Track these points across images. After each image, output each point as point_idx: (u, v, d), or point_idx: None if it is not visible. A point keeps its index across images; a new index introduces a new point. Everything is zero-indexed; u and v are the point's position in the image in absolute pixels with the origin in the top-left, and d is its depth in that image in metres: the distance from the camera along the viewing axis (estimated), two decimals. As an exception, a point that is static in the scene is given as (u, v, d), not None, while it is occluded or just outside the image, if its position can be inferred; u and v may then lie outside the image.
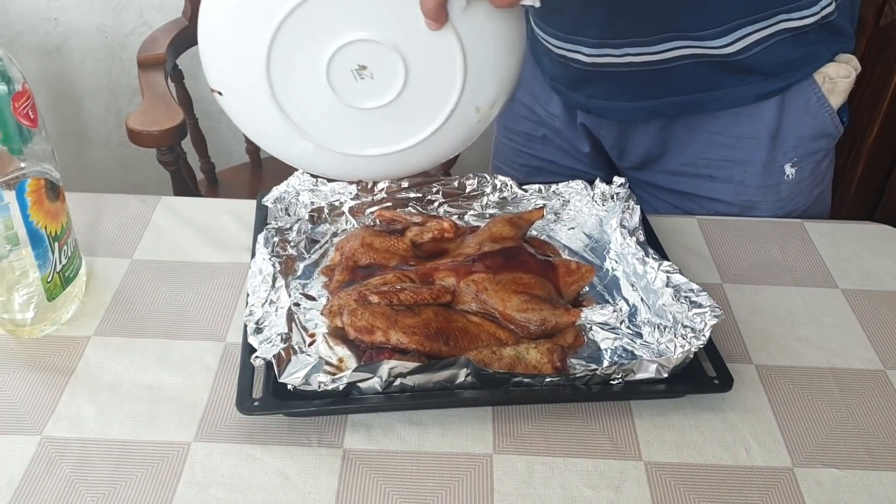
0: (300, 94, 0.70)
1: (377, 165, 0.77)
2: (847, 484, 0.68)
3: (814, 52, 0.97)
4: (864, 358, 0.80)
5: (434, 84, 0.70)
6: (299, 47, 0.67)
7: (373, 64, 0.68)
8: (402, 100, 0.70)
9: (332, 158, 0.75)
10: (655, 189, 1.10)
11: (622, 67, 0.96)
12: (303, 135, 0.73)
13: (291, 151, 0.77)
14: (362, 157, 0.75)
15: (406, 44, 0.68)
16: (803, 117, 1.00)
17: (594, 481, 0.67)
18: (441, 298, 0.79)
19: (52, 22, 1.79)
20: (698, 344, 0.72)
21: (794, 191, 1.04)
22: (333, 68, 0.68)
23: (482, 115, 0.74)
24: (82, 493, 0.64)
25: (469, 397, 0.71)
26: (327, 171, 0.81)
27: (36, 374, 0.74)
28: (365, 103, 0.71)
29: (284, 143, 0.75)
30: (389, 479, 0.67)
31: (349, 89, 0.69)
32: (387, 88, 0.70)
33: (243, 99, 0.72)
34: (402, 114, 0.72)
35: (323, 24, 0.66)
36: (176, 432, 0.69)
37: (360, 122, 0.72)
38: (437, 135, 0.73)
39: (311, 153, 0.75)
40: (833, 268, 0.92)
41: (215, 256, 0.89)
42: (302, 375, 0.68)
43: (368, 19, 0.66)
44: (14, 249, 0.73)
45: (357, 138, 0.74)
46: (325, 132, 0.73)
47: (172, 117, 1.28)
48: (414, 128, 0.73)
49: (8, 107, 0.68)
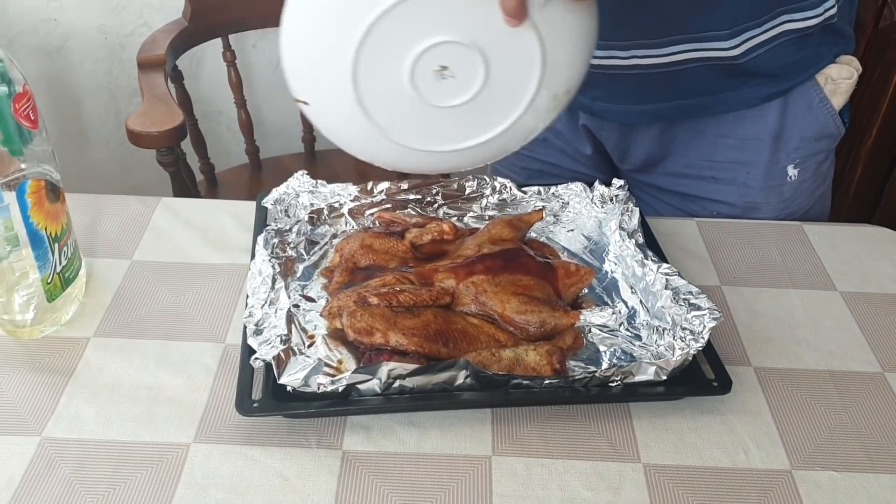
0: (385, 99, 0.71)
1: (460, 158, 0.78)
2: (845, 486, 0.68)
3: (816, 54, 0.98)
4: (862, 360, 0.80)
5: (513, 77, 0.72)
6: (384, 54, 0.68)
7: (454, 63, 0.69)
8: (483, 95, 0.71)
9: (417, 156, 0.77)
10: (658, 191, 1.10)
11: (628, 70, 0.96)
12: (388, 137, 0.74)
13: (378, 154, 0.78)
14: (447, 152, 0.76)
15: (486, 42, 0.69)
16: (806, 118, 1.00)
17: (593, 483, 0.67)
18: (440, 300, 0.79)
19: (51, 23, 1.79)
20: (697, 346, 0.72)
21: (796, 192, 1.05)
22: (417, 71, 0.69)
23: (559, 101, 0.75)
24: (82, 493, 0.64)
25: (468, 399, 0.71)
26: (413, 168, 0.82)
27: (36, 375, 0.74)
28: (447, 102, 0.72)
29: (371, 147, 0.77)
30: (388, 480, 0.67)
31: (432, 90, 0.70)
32: (468, 86, 0.71)
33: (329, 107, 0.73)
34: (482, 108, 0.73)
35: (407, 29, 0.67)
36: (175, 433, 0.69)
37: (443, 120, 0.73)
38: (515, 125, 0.74)
39: (396, 153, 0.76)
40: (832, 270, 0.92)
41: (215, 258, 0.89)
42: (301, 377, 0.68)
43: (450, 22, 0.67)
44: (14, 250, 0.74)
45: (440, 135, 0.75)
46: (409, 133, 0.74)
47: (172, 118, 1.28)
48: (494, 120, 0.74)
49: (8, 108, 0.68)
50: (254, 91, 1.89)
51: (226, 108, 1.91)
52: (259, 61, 1.88)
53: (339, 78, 0.69)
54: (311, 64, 0.71)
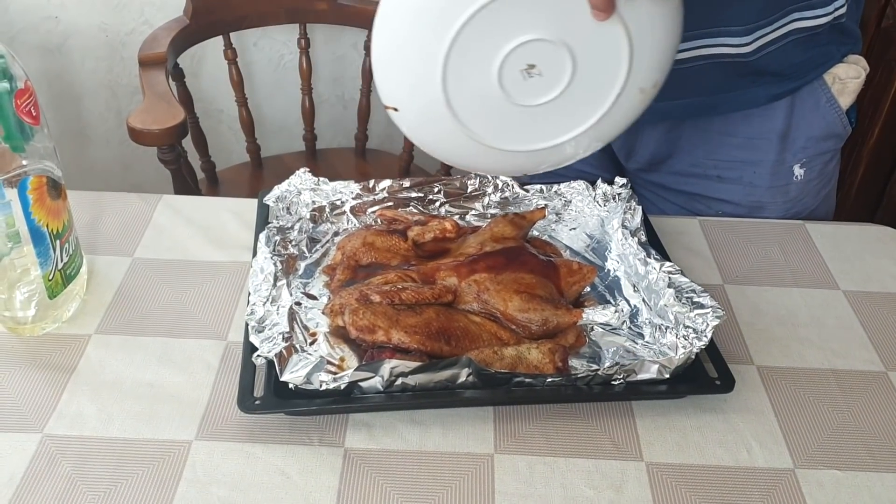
0: (473, 101, 0.71)
1: (549, 157, 0.78)
2: (849, 485, 0.68)
3: (824, 53, 0.98)
4: (865, 359, 0.80)
5: (600, 73, 0.71)
6: (473, 55, 0.68)
7: (541, 61, 0.69)
8: (570, 92, 0.71)
9: (507, 157, 0.77)
10: (663, 190, 1.09)
11: None
12: (477, 139, 0.74)
13: (467, 157, 0.78)
14: (534, 151, 0.76)
15: (573, 38, 0.68)
16: (813, 118, 1.00)
17: (595, 481, 0.67)
18: (443, 298, 0.79)
19: (52, 20, 1.79)
20: (700, 345, 0.72)
21: (802, 191, 1.05)
22: (505, 71, 0.69)
23: (646, 94, 0.75)
24: (83, 491, 0.64)
25: (470, 397, 0.70)
26: (503, 170, 0.83)
27: (37, 372, 0.74)
28: (535, 100, 0.72)
29: (461, 150, 0.77)
30: (390, 478, 0.66)
31: (519, 89, 0.71)
32: (555, 83, 0.71)
33: (419, 112, 0.74)
34: (569, 105, 0.73)
35: (494, 30, 0.67)
36: (177, 431, 0.69)
37: (530, 119, 0.73)
38: (602, 120, 0.74)
39: (486, 156, 0.77)
40: (834, 269, 0.92)
41: (216, 255, 0.89)
42: (303, 374, 0.68)
43: (537, 19, 0.67)
44: (16, 247, 0.73)
45: (528, 135, 0.75)
46: (497, 133, 0.74)
47: (173, 116, 1.28)
48: (581, 116, 0.74)
49: (10, 104, 0.68)
50: (255, 89, 1.89)
51: (227, 107, 1.91)
52: (260, 59, 1.88)
53: (429, 82, 0.70)
54: (401, 69, 0.72)
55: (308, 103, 1.73)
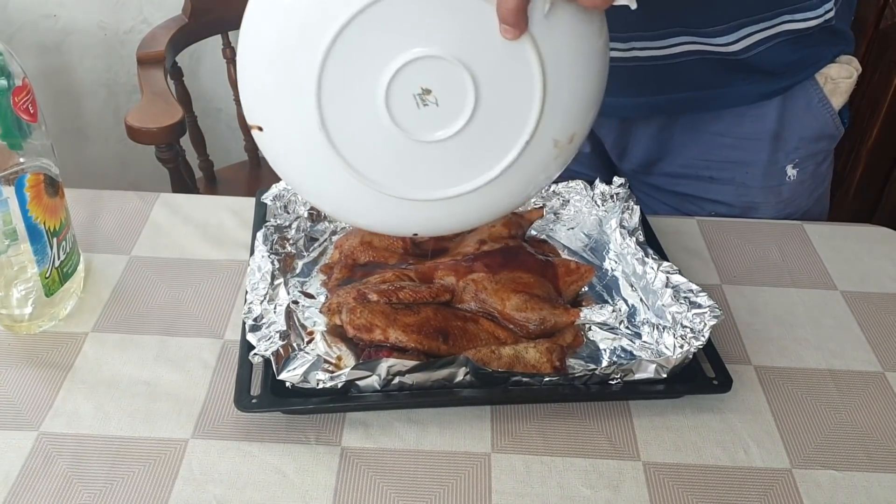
0: (353, 125, 0.61)
1: (439, 213, 0.67)
2: (846, 485, 0.68)
3: (815, 53, 0.98)
4: (862, 360, 0.80)
5: (507, 108, 0.61)
6: (354, 68, 0.58)
7: (438, 87, 0.59)
8: (471, 129, 0.61)
9: (391, 206, 0.66)
10: (656, 191, 1.09)
11: (626, 62, 0.95)
12: (357, 176, 0.63)
13: (343, 200, 0.67)
14: (426, 202, 0.66)
15: (476, 59, 0.59)
16: (805, 118, 1.00)
17: (592, 481, 0.67)
18: (440, 297, 0.79)
19: (51, 19, 1.79)
20: (697, 344, 0.72)
21: (795, 192, 1.05)
22: (393, 93, 0.59)
23: (560, 149, 0.65)
24: (79, 489, 0.64)
25: (468, 396, 0.70)
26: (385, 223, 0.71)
27: (33, 370, 0.74)
28: (429, 135, 0.61)
29: (336, 190, 0.66)
30: (387, 477, 0.66)
31: (411, 118, 0.61)
32: (454, 115, 0.61)
33: (288, 133, 0.63)
34: (470, 147, 0.63)
35: (381, 40, 0.58)
36: (173, 429, 0.69)
37: (423, 159, 0.63)
38: (508, 172, 0.64)
39: (363, 199, 0.66)
40: (832, 270, 0.92)
41: (214, 253, 0.89)
42: (300, 373, 0.68)
43: (432, 31, 0.58)
44: (12, 245, 0.73)
45: (420, 179, 0.64)
46: (382, 171, 0.64)
47: (171, 114, 1.28)
48: (484, 163, 0.64)
49: (7, 101, 0.68)
50: (253, 88, 1.89)
51: (225, 105, 1.91)
52: (259, 58, 1.88)
53: (300, 94, 0.59)
54: (268, 76, 0.61)
55: (306, 102, 1.72)
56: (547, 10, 0.57)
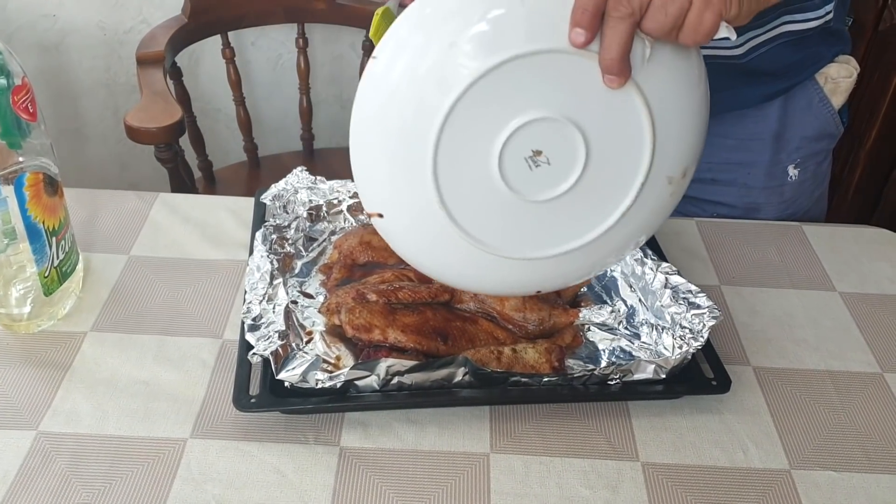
0: (472, 198, 0.61)
1: (562, 267, 0.67)
2: (844, 486, 0.68)
3: (815, 54, 0.98)
4: (861, 361, 0.80)
5: (619, 155, 0.61)
6: (467, 143, 0.59)
7: (548, 147, 0.59)
8: (585, 181, 0.61)
9: (516, 268, 0.66)
10: None
11: None
12: (479, 245, 0.63)
13: (469, 270, 0.67)
14: (547, 258, 0.65)
15: (583, 113, 0.58)
16: (806, 118, 1.00)
17: (591, 481, 0.67)
18: (439, 297, 0.79)
19: (50, 18, 1.78)
20: (696, 345, 0.72)
21: (797, 192, 1.05)
22: (506, 160, 0.59)
23: (675, 186, 0.64)
24: (77, 488, 0.64)
25: (467, 396, 0.70)
26: (513, 286, 0.71)
27: (32, 369, 0.74)
28: (544, 194, 0.61)
29: (460, 262, 0.66)
30: (386, 477, 0.66)
31: (525, 182, 0.60)
32: (567, 171, 0.60)
33: (408, 216, 0.64)
34: (586, 198, 0.62)
35: (489, 112, 0.58)
36: (172, 429, 0.69)
37: (540, 218, 0.63)
38: (626, 217, 0.63)
39: (490, 267, 0.66)
40: (831, 271, 0.92)
41: (213, 253, 0.89)
42: (299, 372, 0.68)
43: (538, 95, 0.57)
44: (11, 244, 0.73)
45: (539, 238, 0.64)
46: (503, 237, 0.64)
47: (171, 114, 1.28)
48: (602, 212, 0.63)
49: (7, 101, 0.68)
50: (252, 88, 1.89)
51: (224, 106, 1.90)
52: (258, 59, 1.88)
53: (418, 179, 0.60)
54: (385, 165, 0.62)
55: (306, 103, 1.73)
56: (648, 55, 0.57)
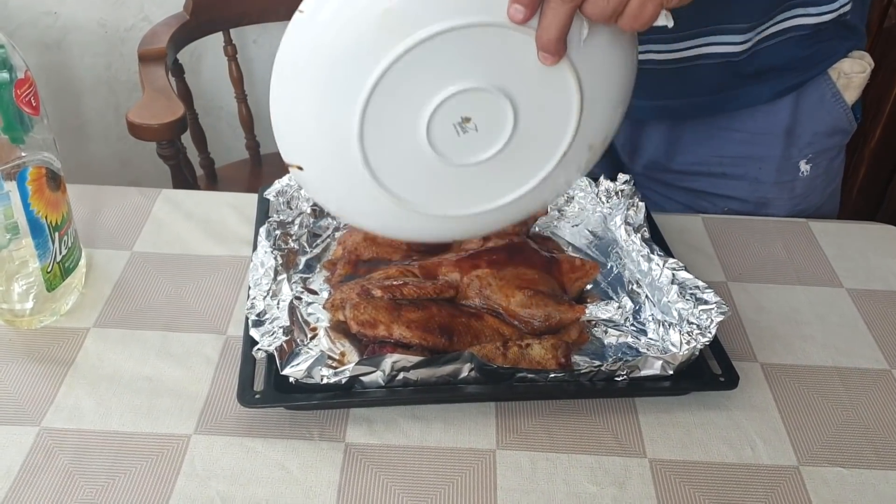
0: (397, 160, 0.62)
1: (482, 222, 0.69)
2: (853, 483, 0.67)
3: (828, 49, 0.97)
4: (869, 357, 0.80)
5: (546, 126, 0.62)
6: (396, 107, 0.59)
7: (478, 114, 0.60)
8: (511, 148, 0.62)
9: (435, 223, 0.67)
10: (667, 188, 1.09)
11: (643, 65, 0.95)
12: (402, 203, 0.65)
13: (387, 222, 0.69)
14: (466, 216, 0.67)
15: (515, 86, 0.59)
16: (819, 113, 1.00)
17: (598, 478, 0.66)
18: (444, 293, 0.78)
19: (51, 16, 1.78)
20: (704, 341, 0.71)
21: (808, 188, 1.04)
22: (434, 125, 0.60)
23: (594, 152, 0.66)
24: (81, 484, 0.64)
25: (473, 392, 0.70)
26: (430, 235, 0.73)
27: (35, 365, 0.73)
28: (470, 158, 0.62)
29: (379, 215, 0.67)
30: (392, 473, 0.66)
31: (452, 146, 0.61)
32: (494, 139, 0.61)
33: (330, 172, 0.64)
34: (510, 163, 0.63)
35: (423, 78, 0.58)
36: (176, 425, 0.69)
37: (464, 180, 0.64)
38: (546, 180, 0.65)
39: (410, 221, 0.67)
40: (838, 267, 0.91)
41: (216, 249, 0.88)
42: (304, 368, 0.67)
43: (472, 66, 0.58)
44: (14, 239, 0.73)
45: (462, 197, 0.66)
46: (427, 197, 0.65)
47: (173, 111, 1.27)
48: (523, 176, 0.65)
49: (10, 95, 0.67)
50: (254, 86, 1.88)
51: (226, 103, 1.90)
52: (260, 56, 1.87)
53: (343, 138, 0.60)
54: (308, 121, 0.61)
55: (308, 100, 1.72)
56: (585, 36, 0.58)
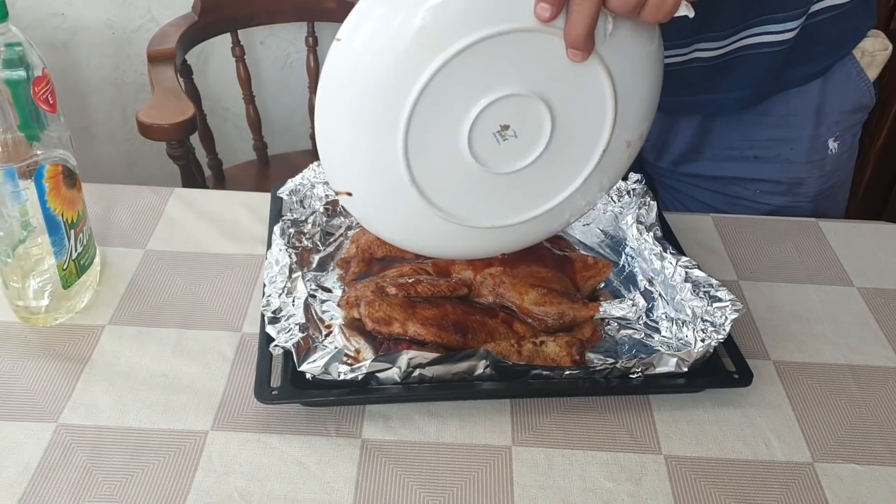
0: (442, 175, 0.63)
1: (528, 230, 0.70)
2: (868, 479, 0.68)
3: (854, 27, 1.00)
4: (881, 355, 0.80)
5: (583, 125, 0.63)
6: (436, 123, 0.60)
7: (515, 121, 0.61)
8: (551, 151, 0.63)
9: (486, 236, 0.68)
10: (698, 179, 1.09)
11: (688, 64, 0.96)
12: (451, 218, 0.65)
13: (440, 241, 0.69)
14: (516, 225, 0.68)
15: (549, 87, 0.60)
16: (845, 91, 1.02)
17: (614, 474, 0.67)
18: (458, 291, 0.79)
19: (59, 17, 1.79)
20: (719, 338, 0.71)
21: (836, 165, 1.06)
22: (474, 136, 0.61)
23: (632, 148, 0.67)
24: (99, 480, 0.64)
25: (488, 389, 0.70)
26: (483, 251, 0.73)
27: (51, 362, 0.73)
28: (512, 166, 0.63)
29: (432, 234, 0.69)
30: (409, 469, 0.66)
31: (494, 155, 0.62)
32: (533, 144, 0.62)
33: (379, 195, 0.65)
34: (551, 166, 0.64)
35: (457, 91, 0.59)
36: (193, 421, 0.69)
37: (508, 188, 0.65)
38: (589, 180, 0.66)
39: (461, 237, 0.68)
40: (848, 266, 0.91)
41: (230, 248, 0.88)
42: (321, 364, 0.68)
43: (505, 73, 0.59)
44: (30, 236, 0.73)
45: (507, 206, 0.66)
46: (473, 209, 0.66)
47: (183, 111, 1.28)
48: (566, 178, 0.66)
49: (27, 93, 0.68)
50: (262, 87, 1.89)
51: (233, 105, 1.90)
52: (267, 58, 1.88)
53: (388, 159, 0.61)
54: (354, 147, 0.62)
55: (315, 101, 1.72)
56: (610, 30, 0.59)
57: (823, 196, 1.07)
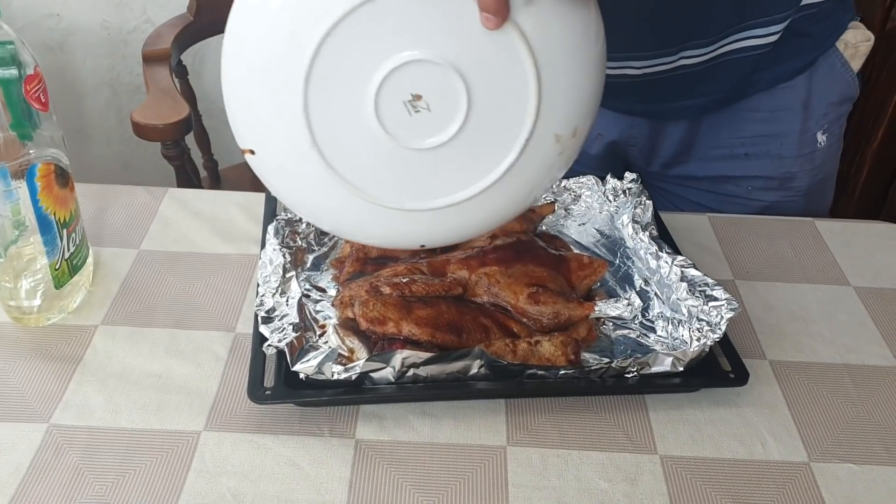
0: (345, 139, 0.59)
1: (443, 222, 0.65)
2: (865, 479, 0.67)
3: (833, 22, 1.00)
4: (877, 354, 0.80)
5: (503, 106, 0.58)
6: (340, 80, 0.56)
7: (428, 91, 0.57)
8: (468, 132, 0.59)
9: (392, 218, 0.63)
10: (690, 180, 1.09)
11: (674, 73, 0.96)
12: (354, 190, 0.61)
13: (343, 215, 0.65)
14: (430, 211, 0.63)
15: (464, 58, 0.56)
16: (831, 84, 1.02)
17: (610, 474, 0.66)
18: (453, 291, 0.78)
19: (54, 18, 1.78)
20: (715, 337, 0.71)
21: (825, 157, 1.06)
22: (382, 102, 0.57)
23: (563, 144, 0.62)
24: (90, 481, 0.63)
25: (483, 389, 0.70)
26: (388, 236, 0.68)
27: (43, 363, 0.73)
28: (424, 142, 0.59)
29: (333, 206, 0.64)
30: (403, 469, 0.66)
31: (403, 127, 0.58)
32: (448, 121, 0.58)
33: (279, 153, 0.61)
34: (468, 150, 0.60)
35: (364, 48, 0.55)
36: (186, 421, 0.68)
37: (420, 167, 0.60)
38: (511, 173, 0.61)
39: (365, 214, 0.63)
40: (844, 266, 0.91)
41: (224, 248, 0.88)
42: (315, 364, 0.67)
43: (416, 35, 0.55)
44: (22, 235, 0.73)
45: (419, 188, 0.62)
46: (381, 184, 0.61)
47: (178, 111, 1.27)
48: (485, 165, 0.61)
49: (19, 92, 0.67)
50: (257, 88, 1.88)
51: (228, 106, 1.90)
52: (262, 59, 1.87)
53: (288, 114, 0.57)
54: (255, 100, 0.59)
55: (310, 102, 1.72)
56: None
57: (815, 189, 1.07)
